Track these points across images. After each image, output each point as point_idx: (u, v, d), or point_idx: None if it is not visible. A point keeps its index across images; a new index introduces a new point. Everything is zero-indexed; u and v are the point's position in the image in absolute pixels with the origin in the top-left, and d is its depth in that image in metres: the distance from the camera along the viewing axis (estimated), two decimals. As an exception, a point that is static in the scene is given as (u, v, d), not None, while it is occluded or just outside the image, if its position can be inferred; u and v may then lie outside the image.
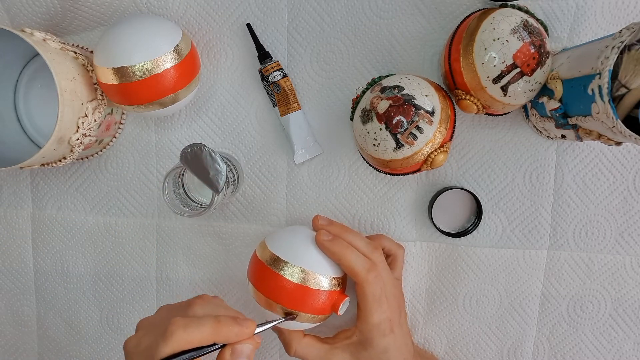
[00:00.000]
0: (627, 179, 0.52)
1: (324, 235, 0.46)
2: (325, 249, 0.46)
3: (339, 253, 0.46)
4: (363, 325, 0.47)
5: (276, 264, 0.45)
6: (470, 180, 0.54)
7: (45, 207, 0.60)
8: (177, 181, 0.51)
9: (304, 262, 0.45)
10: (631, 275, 0.54)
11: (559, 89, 0.42)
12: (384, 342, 0.47)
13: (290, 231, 0.49)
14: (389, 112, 0.44)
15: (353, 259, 0.46)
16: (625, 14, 0.49)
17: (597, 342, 0.55)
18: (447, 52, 0.46)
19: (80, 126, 0.49)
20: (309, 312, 0.45)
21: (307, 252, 0.46)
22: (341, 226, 0.50)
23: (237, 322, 0.36)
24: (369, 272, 0.46)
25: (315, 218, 0.51)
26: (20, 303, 0.62)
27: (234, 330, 0.36)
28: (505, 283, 0.55)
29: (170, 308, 0.39)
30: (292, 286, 0.44)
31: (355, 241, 0.48)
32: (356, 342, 0.48)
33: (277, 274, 0.45)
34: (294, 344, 0.48)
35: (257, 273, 0.47)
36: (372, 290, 0.46)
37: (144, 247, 0.59)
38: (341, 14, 0.53)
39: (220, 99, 0.56)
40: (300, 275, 0.44)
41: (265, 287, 0.45)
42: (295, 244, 0.47)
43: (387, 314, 0.47)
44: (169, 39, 0.48)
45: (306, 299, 0.44)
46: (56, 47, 0.48)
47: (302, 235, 0.48)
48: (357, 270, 0.46)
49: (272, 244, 0.47)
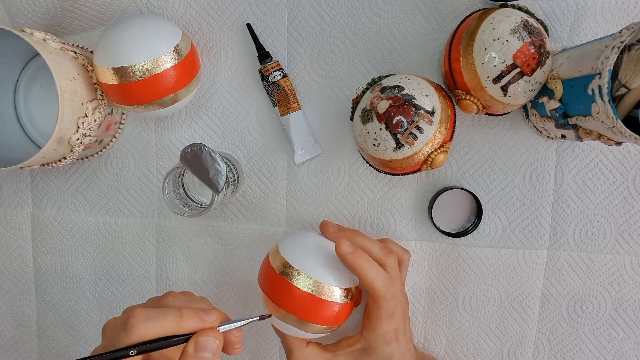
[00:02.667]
0: (627, 179, 0.52)
1: (346, 247, 0.44)
2: (347, 262, 0.44)
3: (360, 267, 0.44)
4: (369, 335, 0.46)
5: (288, 271, 0.44)
6: (470, 180, 0.54)
7: (45, 207, 0.60)
8: (177, 181, 0.51)
9: (316, 272, 0.44)
10: (631, 275, 0.54)
11: (559, 89, 0.42)
12: (388, 350, 0.46)
13: (304, 238, 0.48)
14: (389, 112, 0.44)
15: (374, 275, 0.44)
16: (625, 14, 0.49)
17: (597, 342, 0.55)
18: (447, 52, 0.46)
19: (80, 126, 0.49)
20: (319, 323, 0.44)
21: (319, 262, 0.45)
22: (353, 231, 0.49)
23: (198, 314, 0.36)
24: (389, 289, 0.45)
25: (325, 225, 0.49)
26: (20, 303, 0.62)
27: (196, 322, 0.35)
28: (505, 283, 0.55)
29: (137, 305, 0.39)
30: (303, 295, 0.43)
31: (369, 246, 0.47)
32: (360, 349, 0.47)
33: (288, 282, 0.43)
34: (296, 351, 0.47)
35: (269, 280, 0.45)
36: (387, 305, 0.45)
37: (143, 247, 0.59)
38: (341, 14, 0.53)
39: (220, 99, 0.56)
40: (311, 284, 0.43)
41: (275, 295, 0.44)
42: (309, 253, 0.45)
43: (395, 324, 0.46)
44: (169, 39, 0.48)
45: (317, 309, 0.43)
46: (56, 47, 0.48)
47: (316, 244, 0.46)
48: (378, 287, 0.44)
49: (285, 251, 0.46)
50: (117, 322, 0.35)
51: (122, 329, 0.34)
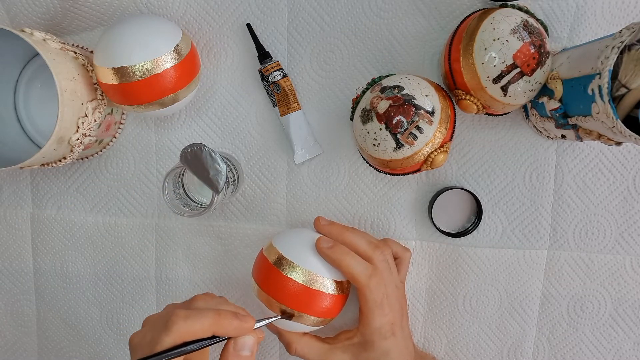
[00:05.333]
0: (627, 179, 0.52)
1: (323, 243, 0.46)
2: (325, 256, 0.46)
3: (339, 260, 0.45)
4: (364, 329, 0.47)
5: (282, 264, 0.45)
6: (470, 180, 0.54)
7: (45, 207, 0.60)
8: (177, 181, 0.51)
9: (310, 264, 0.45)
10: (631, 275, 0.54)
11: (559, 89, 0.42)
12: (385, 345, 0.47)
13: (298, 233, 0.49)
14: (389, 112, 0.44)
15: (353, 265, 0.46)
16: (625, 14, 0.49)
17: (597, 342, 0.55)
18: (447, 52, 0.46)
19: (80, 126, 0.49)
20: (312, 315, 0.45)
21: (312, 255, 0.46)
22: (342, 227, 0.50)
23: (237, 317, 0.37)
24: (370, 278, 0.46)
25: (317, 219, 0.51)
26: (20, 303, 0.62)
27: (234, 324, 0.37)
28: (505, 283, 0.55)
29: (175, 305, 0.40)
30: (297, 287, 0.44)
31: (357, 241, 0.48)
32: (357, 343, 0.48)
33: (282, 274, 0.45)
34: (294, 342, 0.48)
35: (262, 272, 0.47)
36: (373, 296, 0.46)
37: (143, 247, 0.59)
38: (341, 14, 0.53)
39: (220, 99, 0.56)
40: (305, 277, 0.45)
41: (269, 287, 0.45)
42: (302, 246, 0.47)
43: (389, 317, 0.47)
44: (169, 39, 0.48)
45: (309, 301, 0.45)
46: (56, 47, 0.48)
47: (309, 238, 0.48)
48: (357, 276, 0.45)
49: (280, 244, 0.47)
50: (157, 320, 0.36)
51: (163, 327, 0.35)
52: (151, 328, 0.36)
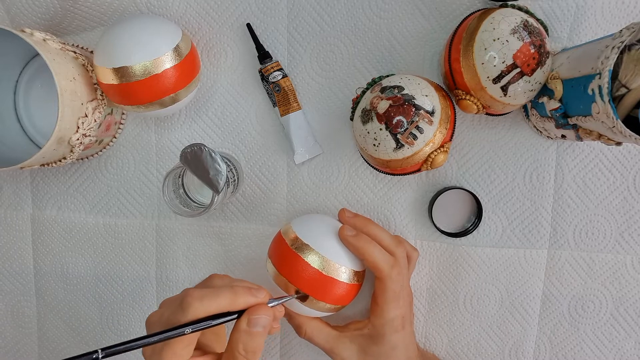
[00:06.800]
0: (627, 179, 0.52)
1: (347, 230, 0.46)
2: (349, 244, 0.46)
3: (362, 248, 0.46)
4: (377, 320, 0.47)
5: (299, 246, 0.45)
6: (470, 180, 0.54)
7: (45, 207, 0.60)
8: (177, 181, 0.51)
9: (326, 250, 0.45)
10: (632, 275, 0.54)
11: (559, 89, 0.42)
12: (394, 338, 0.47)
13: (318, 218, 0.49)
14: (389, 112, 0.44)
15: (376, 254, 0.46)
16: (625, 14, 0.49)
17: (598, 342, 0.55)
18: (447, 52, 0.46)
19: (80, 126, 0.49)
20: (323, 300, 0.45)
21: (330, 242, 0.46)
22: (365, 219, 0.50)
23: (250, 291, 0.38)
24: (392, 268, 0.46)
25: (342, 211, 0.51)
26: (21, 304, 0.62)
27: (249, 299, 0.37)
28: (506, 283, 0.55)
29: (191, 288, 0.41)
30: (311, 271, 0.44)
31: (380, 234, 0.48)
32: (367, 334, 0.48)
33: (299, 256, 0.45)
34: (304, 325, 0.49)
35: (278, 252, 0.47)
36: (393, 286, 0.46)
37: (143, 248, 0.59)
38: (341, 14, 0.53)
39: (220, 99, 0.56)
40: (320, 262, 0.45)
41: (284, 267, 0.46)
42: (320, 231, 0.47)
43: (402, 310, 0.47)
44: (169, 39, 0.48)
45: (323, 286, 0.45)
46: (56, 47, 0.48)
47: (328, 224, 0.48)
48: (381, 266, 0.46)
49: (298, 227, 0.47)
50: (173, 301, 0.37)
51: (179, 307, 0.35)
52: (168, 308, 0.37)
